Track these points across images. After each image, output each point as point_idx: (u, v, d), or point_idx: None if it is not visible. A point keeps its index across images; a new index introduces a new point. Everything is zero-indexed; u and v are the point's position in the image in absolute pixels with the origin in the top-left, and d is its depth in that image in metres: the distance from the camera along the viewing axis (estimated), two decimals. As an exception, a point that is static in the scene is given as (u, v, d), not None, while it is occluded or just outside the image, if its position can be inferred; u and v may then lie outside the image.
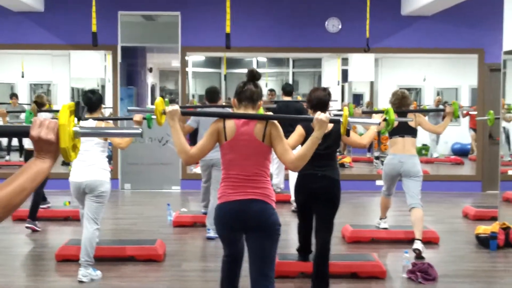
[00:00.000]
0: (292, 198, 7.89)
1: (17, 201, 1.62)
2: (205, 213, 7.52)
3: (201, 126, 6.63)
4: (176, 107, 3.47)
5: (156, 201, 9.30)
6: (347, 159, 11.39)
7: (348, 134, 4.53)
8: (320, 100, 4.69)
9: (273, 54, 13.41)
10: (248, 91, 3.54)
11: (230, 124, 3.46)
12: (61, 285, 5.41)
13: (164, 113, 3.51)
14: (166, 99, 5.98)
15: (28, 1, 9.47)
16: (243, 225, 3.50)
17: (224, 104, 7.50)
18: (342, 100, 13.31)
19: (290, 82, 15.29)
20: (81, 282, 5.18)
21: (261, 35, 10.32)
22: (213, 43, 10.03)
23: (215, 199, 6.39)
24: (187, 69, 10.83)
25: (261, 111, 4.30)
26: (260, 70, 12.63)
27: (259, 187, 3.46)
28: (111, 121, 5.62)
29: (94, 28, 6.81)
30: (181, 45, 10.32)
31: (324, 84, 13.95)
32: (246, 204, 3.44)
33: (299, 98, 10.76)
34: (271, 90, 10.93)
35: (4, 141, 13.37)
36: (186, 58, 10.80)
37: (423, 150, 12.91)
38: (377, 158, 11.50)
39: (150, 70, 17.43)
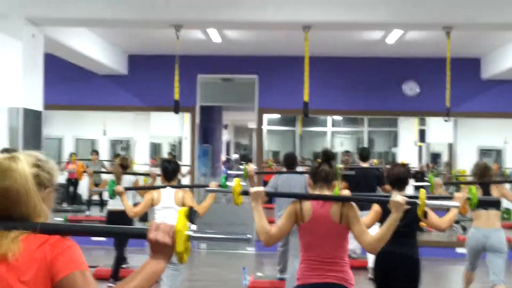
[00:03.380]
0: (369, 265, 7.73)
1: None
2: (281, 279, 7.47)
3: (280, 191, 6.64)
4: (260, 188, 3.51)
5: (232, 262, 9.31)
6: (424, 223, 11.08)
7: (425, 216, 4.41)
8: (399, 178, 4.63)
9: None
10: (322, 172, 3.58)
11: (307, 205, 3.48)
12: None
13: (242, 193, 3.58)
14: (245, 166, 6.04)
15: (112, 65, 9.90)
16: None
17: (301, 170, 7.50)
18: (420, 160, 13.10)
19: (365, 140, 15.19)
20: None
21: (337, 97, 10.37)
22: (289, 106, 10.15)
23: (293, 267, 6.32)
24: (262, 127, 10.95)
25: (337, 189, 4.29)
26: (335, 129, 12.65)
27: (338, 270, 3.43)
28: (188, 190, 5.70)
29: (176, 96, 7.03)
30: (257, 107, 10.48)
31: (400, 144, 13.81)
32: None
33: (376, 162, 10.61)
34: (347, 152, 10.84)
35: (84, 195, 13.76)
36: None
37: (505, 215, 12.42)
38: (457, 222, 11.13)
39: (226, 126, 17.77)
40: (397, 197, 3.36)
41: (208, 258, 9.95)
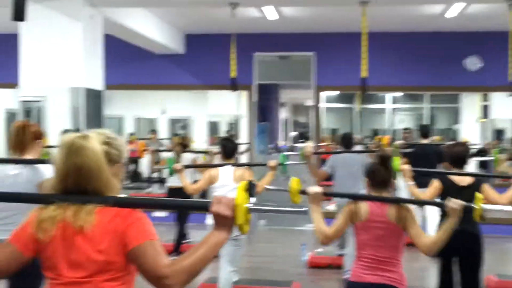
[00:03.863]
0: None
1: (200, 268, 1.87)
2: (340, 255, 7.46)
3: (337, 172, 6.67)
4: (318, 189, 3.52)
5: (291, 239, 9.34)
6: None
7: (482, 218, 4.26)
8: (459, 156, 4.59)
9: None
10: (379, 177, 3.54)
11: (363, 205, 3.49)
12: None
13: (302, 193, 3.58)
14: (301, 146, 6.04)
15: (170, 45, 10.00)
16: None
17: (360, 149, 7.44)
18: (483, 137, 12.76)
19: (426, 117, 14.90)
20: None
21: (397, 73, 10.19)
22: (347, 82, 10.02)
23: (352, 243, 6.29)
24: (319, 105, 10.88)
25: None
26: (395, 106, 12.36)
27: (391, 270, 3.43)
28: (247, 168, 5.70)
29: (233, 74, 7.04)
30: (315, 84, 10.41)
31: (463, 121, 13.49)
32: None
33: (437, 138, 10.37)
34: (407, 129, 10.64)
35: (145, 173, 14.02)
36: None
37: None
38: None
39: (283, 104, 17.74)
40: (453, 202, 3.32)
41: (267, 234, 10.00)
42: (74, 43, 7.54)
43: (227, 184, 5.37)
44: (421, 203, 4.20)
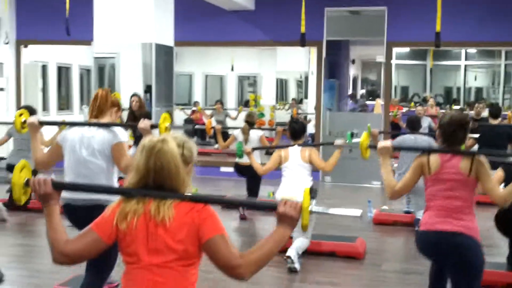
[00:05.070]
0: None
1: (266, 261, 2.19)
2: (407, 212, 7.43)
3: (402, 152, 6.87)
4: (387, 143, 3.57)
5: (356, 195, 9.34)
6: None
7: None
8: None
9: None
10: (456, 139, 3.48)
11: (434, 157, 3.45)
12: (265, 274, 5.38)
13: (369, 147, 3.73)
14: (368, 126, 6.18)
15: (240, 1, 9.98)
16: (444, 258, 3.45)
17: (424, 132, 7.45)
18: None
19: (502, 74, 14.44)
20: (291, 267, 5.42)
21: (472, 28, 9.85)
22: (420, 38, 9.79)
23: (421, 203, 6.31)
24: (391, 61, 10.69)
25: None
26: (469, 62, 11.97)
27: (463, 219, 3.39)
28: (314, 148, 5.94)
29: (303, 29, 7.00)
30: (386, 40, 10.21)
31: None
32: (448, 237, 3.38)
33: (509, 116, 9.95)
34: (480, 102, 10.38)
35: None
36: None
37: None
38: None
39: (353, 62, 17.47)
40: None
41: (333, 191, 10.04)
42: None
43: (296, 163, 5.64)
44: (494, 155, 4.17)
